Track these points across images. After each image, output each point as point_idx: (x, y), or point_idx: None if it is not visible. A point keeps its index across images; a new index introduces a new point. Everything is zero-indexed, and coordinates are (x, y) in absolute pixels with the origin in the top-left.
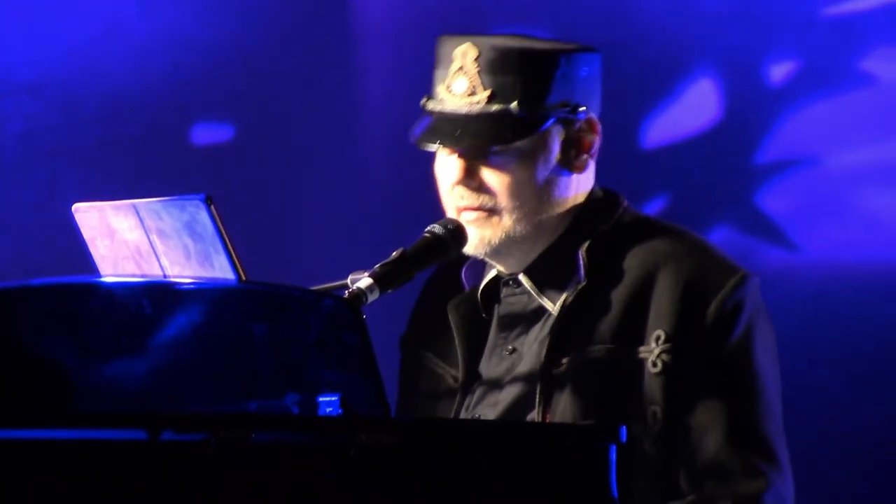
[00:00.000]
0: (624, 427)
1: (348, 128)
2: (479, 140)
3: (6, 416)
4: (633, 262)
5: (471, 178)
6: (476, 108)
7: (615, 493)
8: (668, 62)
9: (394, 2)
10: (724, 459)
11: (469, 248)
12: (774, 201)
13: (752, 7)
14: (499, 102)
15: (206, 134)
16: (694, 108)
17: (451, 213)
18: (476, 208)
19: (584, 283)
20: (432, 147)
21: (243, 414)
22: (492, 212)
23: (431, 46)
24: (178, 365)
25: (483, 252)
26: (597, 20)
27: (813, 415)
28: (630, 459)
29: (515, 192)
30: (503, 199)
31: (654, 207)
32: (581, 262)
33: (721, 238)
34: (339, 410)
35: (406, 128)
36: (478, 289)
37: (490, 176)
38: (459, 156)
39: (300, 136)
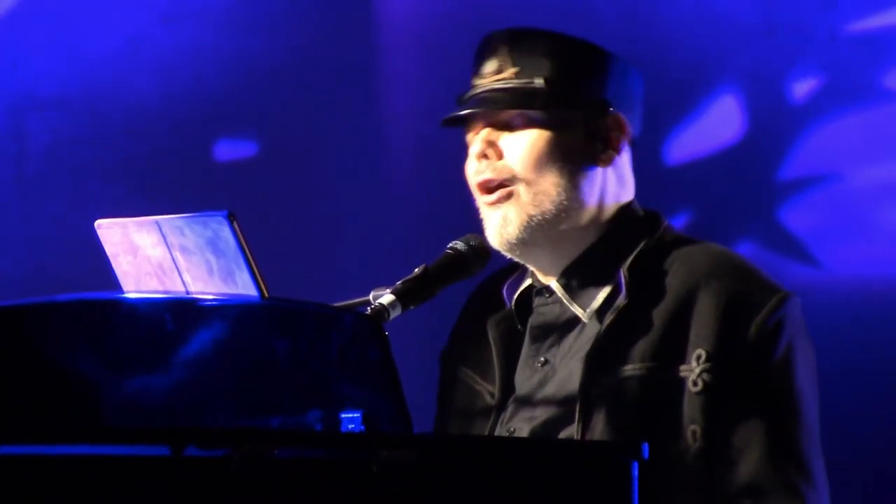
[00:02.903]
0: (646, 444)
1: (373, 143)
2: (499, 105)
3: (31, 431)
4: (674, 280)
5: (492, 150)
6: (501, 84)
7: None
8: (690, 78)
9: (419, 15)
10: (762, 479)
11: (493, 240)
12: (798, 217)
13: (775, 23)
14: (525, 77)
15: (230, 150)
16: (717, 124)
17: (474, 193)
18: (496, 182)
19: (626, 302)
20: (455, 115)
21: (266, 430)
22: (511, 185)
23: (457, 60)
24: (200, 380)
25: (507, 242)
26: (620, 35)
27: (839, 431)
28: (668, 478)
29: (535, 164)
30: (522, 171)
31: (677, 223)
32: (623, 280)
33: (744, 254)
34: (362, 427)
35: (431, 139)
36: (515, 297)
37: (511, 148)
38: (484, 126)
39: (324, 152)
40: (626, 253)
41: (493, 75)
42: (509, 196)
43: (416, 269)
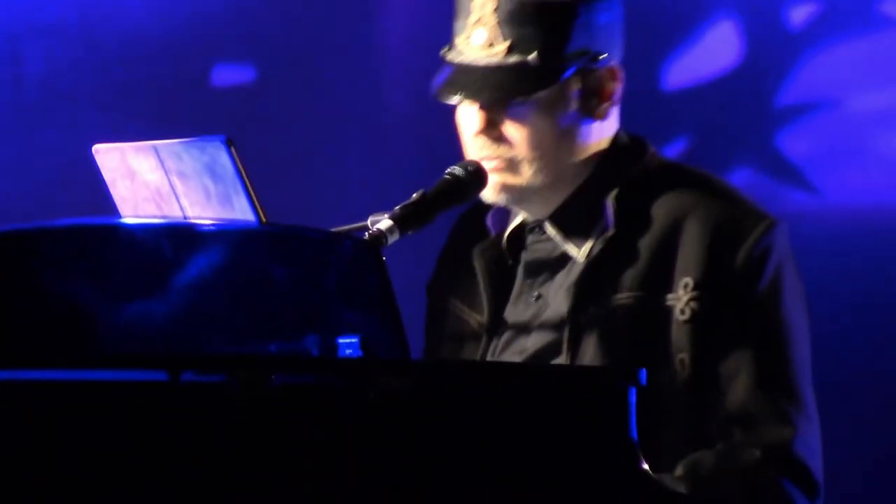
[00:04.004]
0: (644, 370)
1: (369, 70)
2: (498, 93)
3: (29, 358)
4: (661, 209)
5: (491, 129)
6: (495, 60)
7: (634, 435)
8: (687, 5)
9: None
10: (753, 407)
11: (490, 197)
12: (795, 144)
13: None
14: (518, 53)
15: (227, 75)
16: (714, 50)
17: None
18: (496, 158)
19: (612, 232)
20: (452, 100)
21: (263, 355)
22: (512, 162)
23: None
24: (198, 306)
25: (504, 201)
26: None
27: (832, 361)
28: (658, 407)
29: (536, 142)
30: (523, 150)
31: (673, 150)
32: (609, 210)
33: (741, 181)
34: (359, 352)
35: (427, 70)
36: (503, 235)
37: (510, 127)
38: (480, 107)
39: (321, 79)
40: (614, 184)
41: (486, 47)
42: (510, 167)
43: (414, 195)
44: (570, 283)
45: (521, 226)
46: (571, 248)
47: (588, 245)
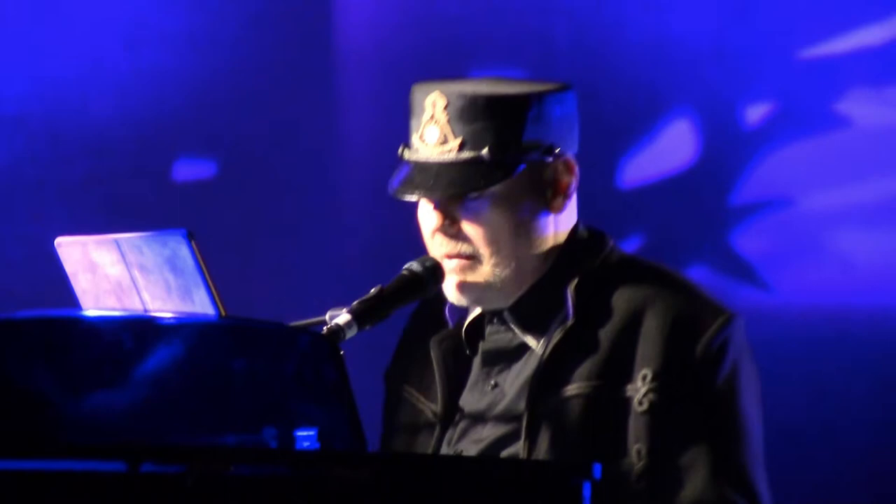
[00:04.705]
0: (598, 465)
1: (329, 166)
2: (451, 189)
3: None
4: (621, 301)
5: (449, 226)
6: (449, 157)
7: None
8: (646, 102)
9: (376, 41)
10: (707, 497)
11: (451, 298)
12: (749, 241)
13: (730, 48)
14: (470, 150)
15: (188, 170)
16: (670, 148)
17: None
18: (456, 255)
19: (571, 322)
20: (407, 198)
21: (222, 447)
22: (471, 258)
23: (411, 84)
24: (158, 398)
25: (466, 302)
26: (575, 60)
27: (785, 453)
28: (613, 497)
29: (493, 237)
30: (481, 246)
31: (630, 246)
32: (569, 300)
33: (696, 277)
34: (317, 444)
35: (386, 165)
36: (461, 326)
37: (467, 223)
38: (435, 206)
39: (281, 174)
40: (573, 275)
41: (439, 145)
42: (469, 264)
43: (373, 290)
44: (528, 374)
45: (481, 316)
46: (530, 340)
47: (546, 337)
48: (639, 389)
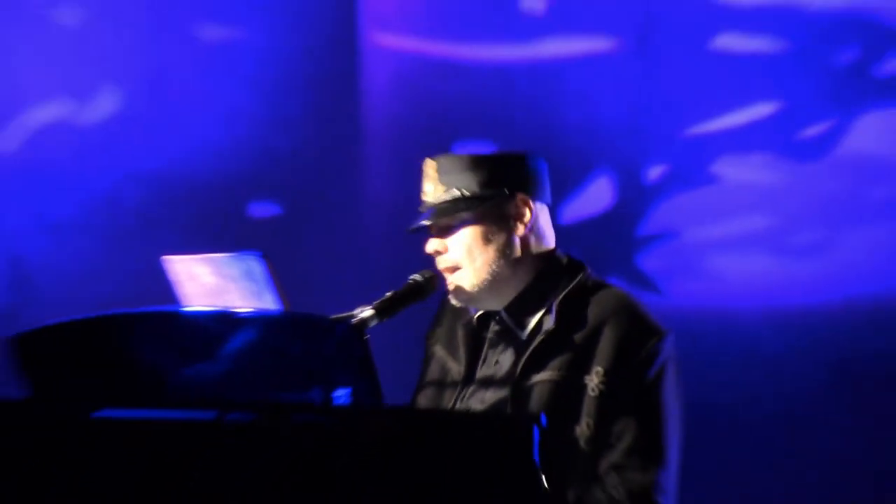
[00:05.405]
0: (543, 415)
1: (362, 215)
2: (433, 218)
3: (122, 401)
4: (590, 314)
5: (440, 246)
6: (437, 199)
7: (538, 462)
8: (578, 164)
9: (397, 130)
10: (627, 459)
11: (451, 300)
12: (650, 262)
13: (638, 128)
14: (451, 192)
15: (260, 209)
16: (596, 196)
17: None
18: (447, 268)
19: (553, 327)
20: (411, 230)
21: (283, 402)
22: (455, 267)
23: (422, 152)
24: (238, 369)
25: (461, 302)
26: (531, 134)
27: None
28: (567, 453)
29: (468, 250)
30: (461, 257)
31: None
32: (555, 311)
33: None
34: (349, 401)
35: (401, 211)
36: (474, 316)
37: (452, 243)
38: (432, 235)
39: (325, 215)
40: (556, 291)
41: (431, 195)
42: (457, 273)
43: (387, 294)
44: (517, 359)
45: (487, 312)
46: (519, 332)
47: (529, 328)
48: (593, 380)
